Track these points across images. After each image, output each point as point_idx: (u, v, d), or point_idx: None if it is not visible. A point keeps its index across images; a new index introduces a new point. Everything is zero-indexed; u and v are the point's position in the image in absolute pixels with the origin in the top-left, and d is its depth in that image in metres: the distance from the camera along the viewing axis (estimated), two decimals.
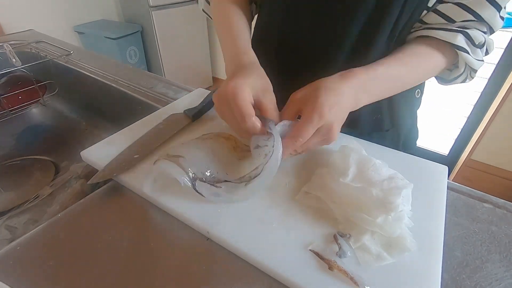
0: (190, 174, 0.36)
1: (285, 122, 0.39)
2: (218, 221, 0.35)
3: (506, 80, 1.50)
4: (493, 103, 1.59)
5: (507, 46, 1.47)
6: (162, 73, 2.40)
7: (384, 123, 0.55)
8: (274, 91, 0.41)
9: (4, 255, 0.33)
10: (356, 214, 0.34)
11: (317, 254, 0.31)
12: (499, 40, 1.53)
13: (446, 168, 0.44)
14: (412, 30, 0.47)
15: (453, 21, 0.43)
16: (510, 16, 1.79)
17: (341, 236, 0.33)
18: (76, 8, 2.12)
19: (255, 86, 0.38)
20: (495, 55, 1.51)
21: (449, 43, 0.43)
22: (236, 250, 0.33)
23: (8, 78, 0.78)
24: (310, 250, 0.32)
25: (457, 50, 0.44)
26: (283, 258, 0.31)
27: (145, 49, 2.37)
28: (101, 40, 2.09)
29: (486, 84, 1.59)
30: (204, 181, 0.36)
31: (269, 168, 0.35)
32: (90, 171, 0.58)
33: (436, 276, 0.30)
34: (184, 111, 0.53)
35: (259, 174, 0.35)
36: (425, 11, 0.45)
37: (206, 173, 0.38)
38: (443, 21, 0.44)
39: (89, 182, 0.40)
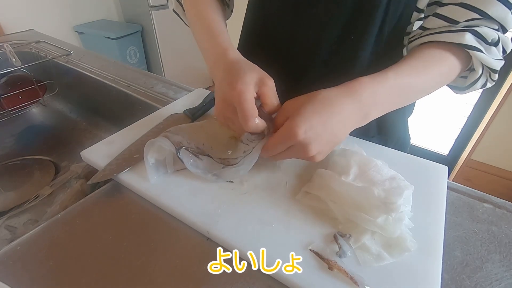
0: (175, 141, 0.39)
1: None
2: (218, 221, 0.35)
3: (506, 80, 1.50)
4: (493, 103, 1.59)
5: None
6: (162, 73, 2.40)
7: (370, 130, 0.54)
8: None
9: (4, 255, 0.33)
10: (356, 214, 0.34)
11: (317, 254, 0.31)
12: None
13: (446, 168, 0.44)
14: (412, 38, 0.45)
15: (456, 22, 0.40)
16: None
17: (341, 236, 0.33)
18: (76, 8, 2.12)
19: (254, 80, 0.36)
20: None
21: (458, 44, 0.40)
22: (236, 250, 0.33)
23: (8, 78, 0.79)
24: (310, 250, 0.32)
25: (469, 51, 0.40)
26: (283, 258, 0.31)
27: (145, 49, 2.37)
28: (101, 40, 2.09)
29: None
30: (188, 150, 0.39)
31: (245, 163, 0.38)
32: (90, 171, 0.58)
33: (436, 276, 0.30)
34: (184, 111, 0.53)
35: (235, 164, 0.38)
36: (416, 14, 0.43)
37: (191, 143, 0.40)
38: (446, 23, 0.41)
39: (89, 182, 0.40)
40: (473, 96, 1.67)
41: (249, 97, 0.35)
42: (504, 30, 0.41)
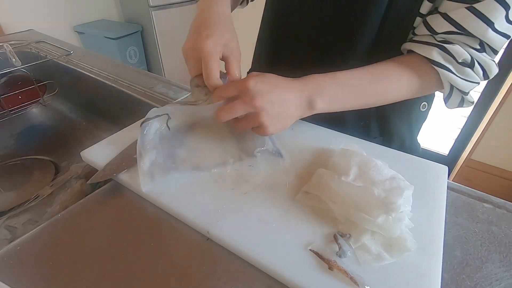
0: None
1: None
2: (218, 221, 0.35)
3: (506, 80, 1.50)
4: (493, 103, 1.59)
5: (507, 46, 1.47)
6: (162, 73, 2.39)
7: (371, 131, 0.54)
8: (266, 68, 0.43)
9: (4, 255, 0.33)
10: (356, 214, 0.34)
11: (317, 254, 0.31)
12: None
13: (446, 168, 0.44)
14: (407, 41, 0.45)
15: (435, 32, 0.40)
16: None
17: (341, 236, 0.33)
18: (76, 8, 2.11)
19: (222, 41, 0.39)
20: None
21: (425, 57, 0.40)
22: (236, 250, 0.33)
23: (8, 78, 0.78)
24: (310, 250, 0.32)
25: (435, 67, 0.40)
26: (283, 258, 0.31)
27: (145, 49, 2.36)
28: (101, 40, 2.08)
29: (486, 84, 1.59)
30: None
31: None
32: (90, 171, 0.58)
33: (436, 276, 0.30)
34: None
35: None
36: (420, 19, 0.42)
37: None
38: (427, 32, 0.41)
39: (89, 182, 0.40)
40: (473, 96, 1.67)
41: (214, 57, 0.38)
42: (490, 49, 0.40)
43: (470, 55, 0.39)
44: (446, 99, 0.47)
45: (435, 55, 0.40)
